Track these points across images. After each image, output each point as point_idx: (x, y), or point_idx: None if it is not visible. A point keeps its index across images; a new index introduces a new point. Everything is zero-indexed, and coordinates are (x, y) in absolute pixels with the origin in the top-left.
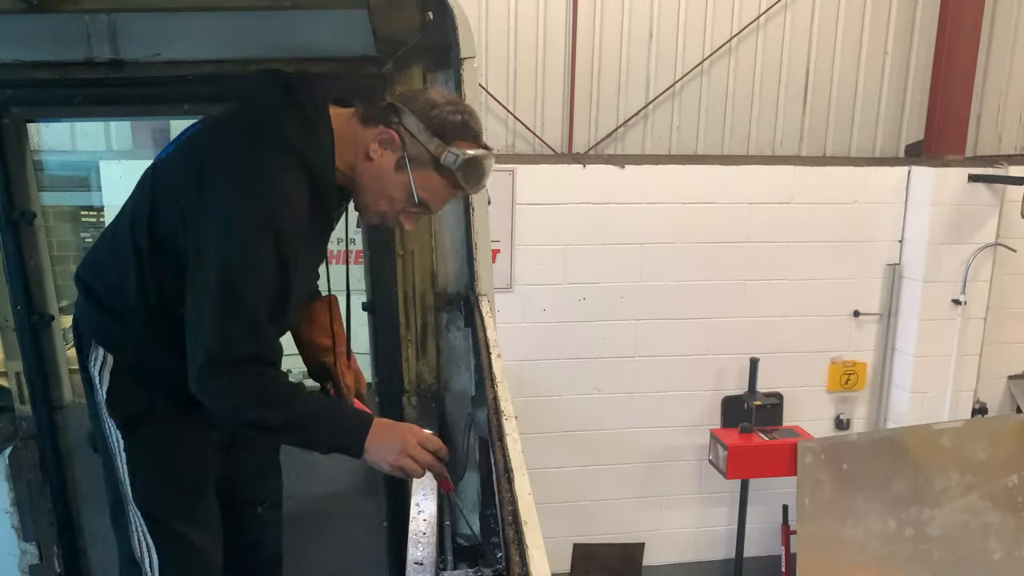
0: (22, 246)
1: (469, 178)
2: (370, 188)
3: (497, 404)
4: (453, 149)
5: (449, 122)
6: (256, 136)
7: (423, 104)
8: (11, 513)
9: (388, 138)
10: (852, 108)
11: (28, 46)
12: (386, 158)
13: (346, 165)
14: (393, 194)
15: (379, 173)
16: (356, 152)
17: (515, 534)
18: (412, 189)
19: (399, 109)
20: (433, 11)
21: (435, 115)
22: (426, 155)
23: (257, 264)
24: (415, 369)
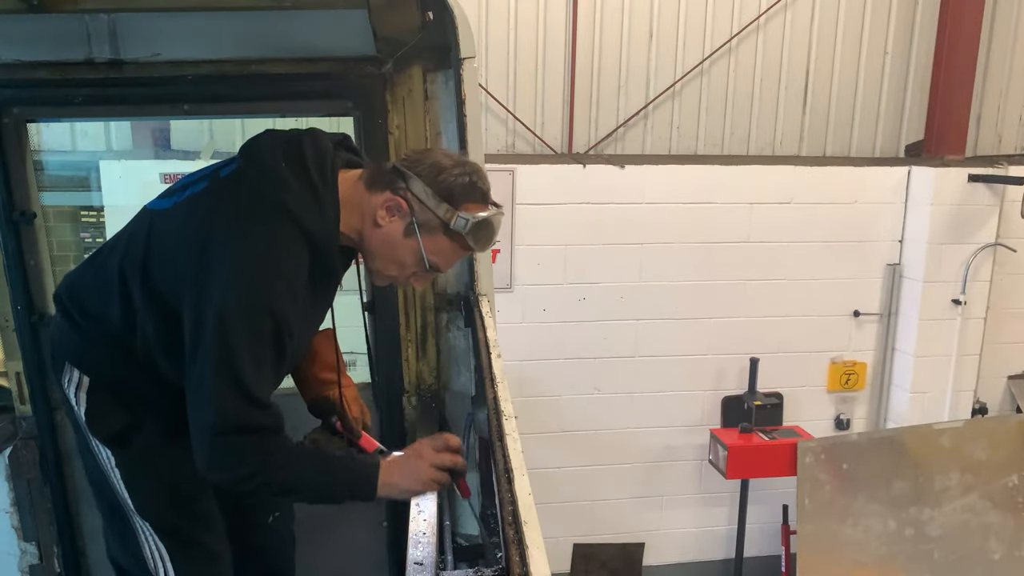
0: (22, 246)
1: (479, 239)
2: (379, 254)
3: (497, 404)
4: (463, 213)
5: (457, 185)
6: (259, 209)
7: (429, 168)
8: (11, 513)
9: (396, 205)
10: (852, 108)
11: (28, 46)
12: (394, 225)
13: (352, 230)
14: (403, 259)
15: (388, 240)
16: (363, 218)
17: (515, 534)
18: (423, 255)
19: (405, 174)
20: (433, 11)
21: (443, 179)
22: (435, 220)
23: (257, 346)
24: (415, 369)
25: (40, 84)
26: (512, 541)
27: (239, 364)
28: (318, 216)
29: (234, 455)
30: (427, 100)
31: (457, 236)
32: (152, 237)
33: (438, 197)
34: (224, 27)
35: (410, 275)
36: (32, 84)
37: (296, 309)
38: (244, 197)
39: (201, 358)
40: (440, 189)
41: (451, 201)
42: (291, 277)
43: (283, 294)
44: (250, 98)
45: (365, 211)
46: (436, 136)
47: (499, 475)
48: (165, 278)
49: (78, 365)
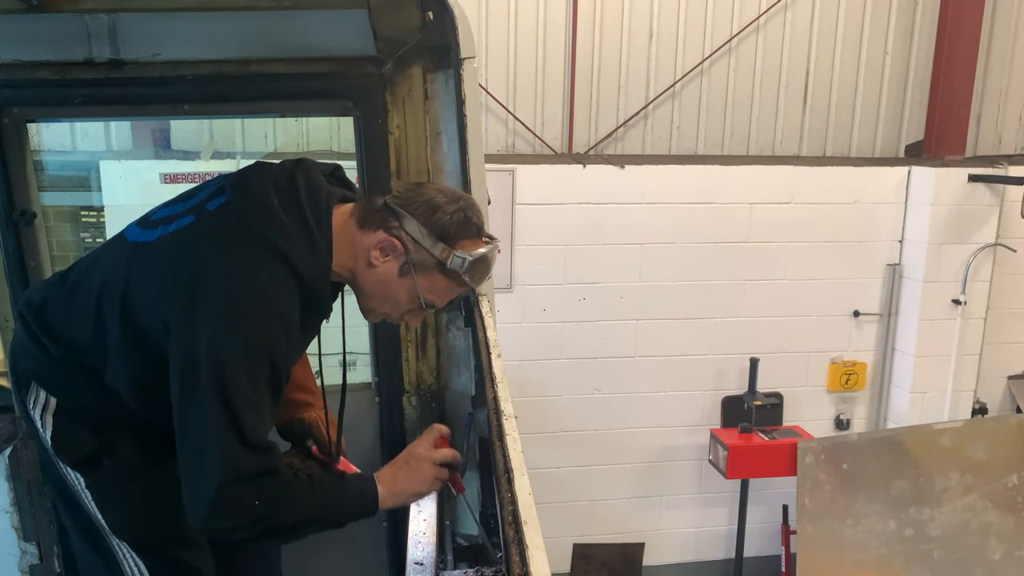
0: (22, 246)
1: (476, 276)
2: (374, 294)
3: (497, 404)
4: (459, 252)
5: (453, 223)
6: (252, 248)
7: (423, 206)
8: (11, 513)
9: (390, 245)
10: (852, 108)
11: (28, 46)
12: (389, 265)
13: (344, 268)
14: (398, 298)
15: (382, 280)
16: (355, 257)
17: (515, 534)
18: (419, 294)
19: (398, 213)
20: (433, 11)
21: (438, 218)
22: (432, 260)
23: (254, 391)
24: (415, 369)
25: (40, 84)
26: (512, 541)
27: (238, 411)
28: (311, 257)
29: (237, 504)
30: (427, 100)
31: (453, 275)
32: (133, 271)
33: (434, 236)
34: (224, 27)
35: (405, 313)
36: (32, 84)
37: (289, 350)
38: (235, 235)
39: (196, 405)
40: (435, 228)
41: (447, 240)
42: (286, 319)
43: (279, 336)
44: (250, 98)
45: (358, 250)
46: (436, 136)
47: (499, 475)
48: (147, 315)
49: (45, 387)
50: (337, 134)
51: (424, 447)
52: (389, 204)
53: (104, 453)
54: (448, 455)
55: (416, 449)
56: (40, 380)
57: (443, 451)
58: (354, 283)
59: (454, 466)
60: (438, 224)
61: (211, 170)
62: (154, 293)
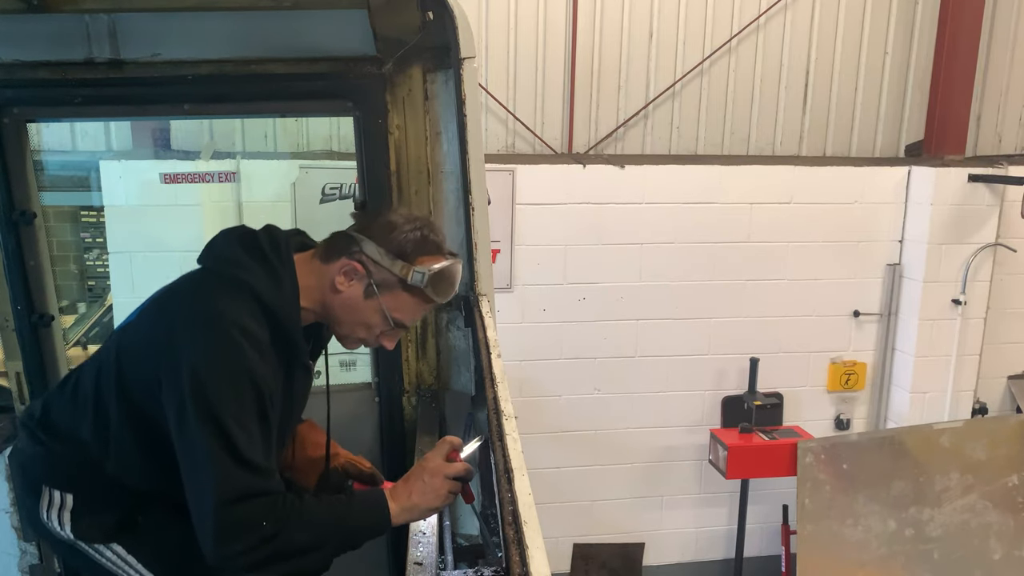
0: (22, 246)
1: (439, 290)
2: (344, 319)
3: (497, 404)
4: (418, 268)
5: (409, 241)
6: (218, 287)
7: (380, 228)
8: (11, 513)
9: (352, 269)
10: (852, 108)
11: (28, 46)
12: (354, 288)
13: (314, 303)
14: (368, 320)
15: (350, 303)
16: (322, 290)
17: (515, 534)
18: (386, 313)
19: (357, 238)
20: (433, 11)
21: (394, 237)
22: (393, 278)
23: (239, 408)
24: (415, 369)
25: (40, 84)
26: (512, 541)
27: (227, 430)
28: (275, 288)
29: (241, 524)
30: (427, 100)
31: (416, 290)
32: (122, 348)
33: (392, 255)
34: (224, 27)
35: (379, 335)
36: (32, 84)
37: (267, 370)
38: (203, 281)
39: (187, 433)
40: (393, 247)
41: (405, 257)
42: (256, 339)
43: (253, 354)
44: (250, 98)
45: (324, 282)
46: (436, 136)
47: (499, 475)
48: (142, 382)
49: (59, 486)
50: (337, 134)
51: (436, 462)
52: (347, 232)
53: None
54: (461, 469)
55: (429, 464)
56: (52, 481)
57: (456, 465)
58: (326, 315)
59: (466, 479)
60: (395, 243)
61: (211, 170)
62: (142, 357)
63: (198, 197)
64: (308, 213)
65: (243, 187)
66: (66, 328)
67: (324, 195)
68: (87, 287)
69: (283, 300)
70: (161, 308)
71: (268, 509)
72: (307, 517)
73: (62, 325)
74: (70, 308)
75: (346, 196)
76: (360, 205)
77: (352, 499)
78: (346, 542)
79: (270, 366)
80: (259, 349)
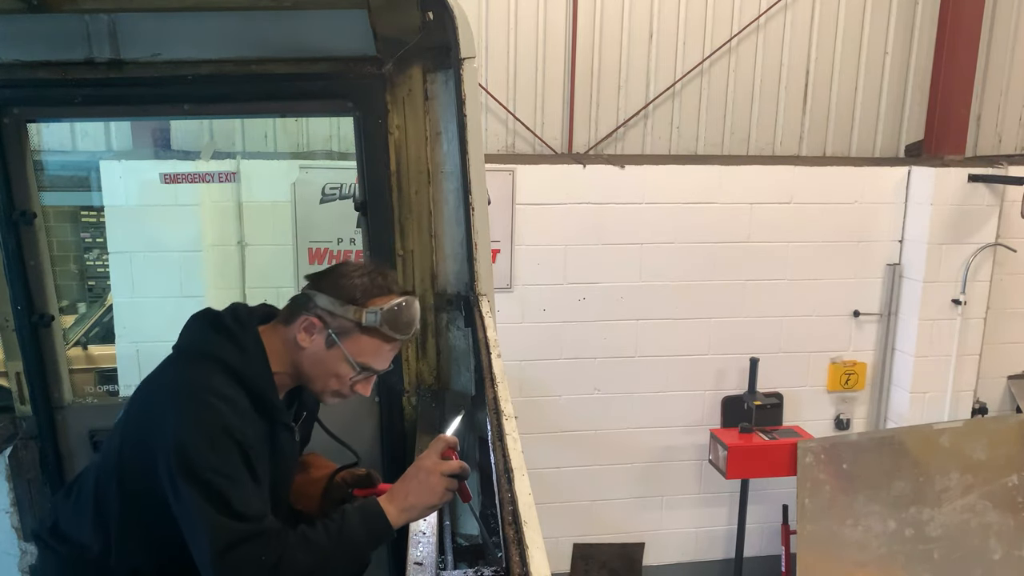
0: (22, 246)
1: (397, 327)
2: (315, 374)
3: (497, 404)
4: (370, 309)
5: (358, 287)
6: (192, 364)
7: (331, 280)
8: (11, 513)
9: (310, 323)
10: (852, 108)
11: (28, 46)
12: (316, 341)
13: (286, 365)
14: (337, 370)
15: (315, 357)
16: (290, 351)
17: (515, 534)
18: (350, 360)
19: (311, 295)
20: (433, 11)
21: (344, 285)
22: (348, 323)
23: (225, 464)
24: (415, 369)
25: (40, 84)
26: (512, 541)
27: (214, 486)
28: (242, 355)
29: (240, 566)
30: (427, 100)
31: (373, 331)
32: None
33: (344, 302)
34: (224, 27)
35: (352, 384)
36: (32, 84)
37: (247, 428)
38: (178, 361)
39: (180, 496)
40: (344, 294)
41: (356, 302)
42: (230, 399)
43: (228, 413)
44: (250, 98)
45: (289, 343)
46: (436, 136)
47: (499, 475)
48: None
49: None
50: (337, 134)
51: (432, 460)
52: (303, 291)
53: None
54: (456, 467)
55: (424, 462)
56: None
57: (451, 463)
58: (300, 375)
59: (462, 476)
60: (346, 290)
61: (211, 170)
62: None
63: (198, 197)
64: (308, 213)
65: (243, 187)
66: (66, 328)
67: (324, 195)
68: (87, 287)
69: (251, 365)
70: (145, 394)
71: (263, 545)
72: (305, 541)
73: (62, 325)
74: (70, 308)
75: (346, 196)
76: (360, 205)
77: (346, 512)
78: (352, 555)
79: (251, 426)
80: (236, 410)
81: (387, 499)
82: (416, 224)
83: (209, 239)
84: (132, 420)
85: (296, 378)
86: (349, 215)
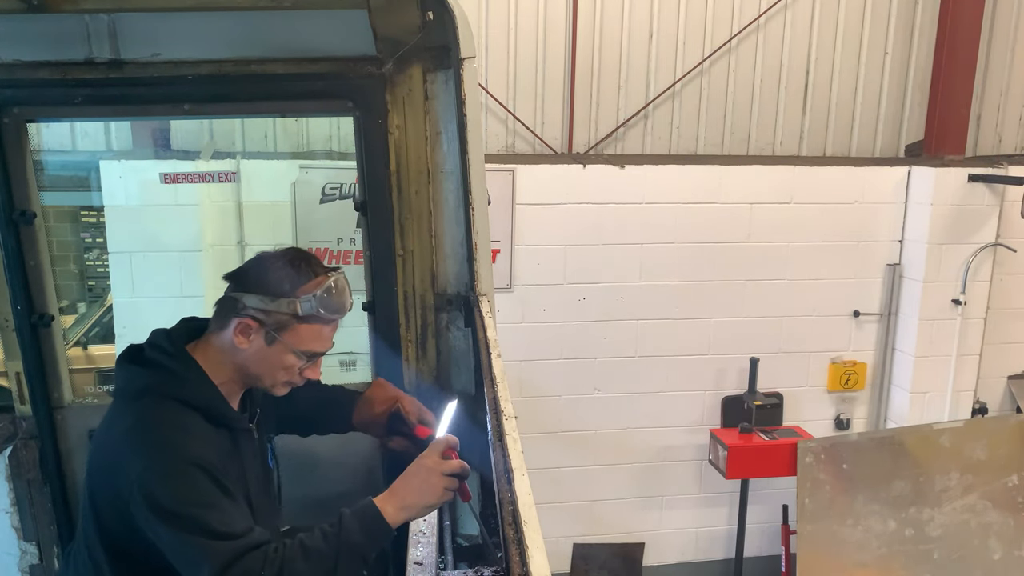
0: (22, 246)
1: (334, 308)
2: (262, 372)
3: (497, 404)
4: (303, 298)
5: (284, 277)
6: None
7: (254, 276)
8: (11, 513)
9: (244, 326)
10: (852, 108)
11: (28, 46)
12: (254, 342)
13: (230, 372)
14: (284, 363)
15: (258, 356)
16: (231, 357)
17: (515, 534)
18: (295, 350)
19: (237, 297)
20: (433, 11)
21: (269, 280)
22: (284, 317)
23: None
24: (415, 369)
25: (40, 84)
26: (512, 541)
27: (192, 516)
28: (177, 380)
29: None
30: (427, 100)
31: (312, 318)
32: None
33: (273, 296)
34: (224, 27)
35: (300, 370)
36: (32, 84)
37: (205, 448)
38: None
39: (165, 537)
40: (272, 289)
41: (287, 294)
42: (181, 425)
43: (185, 442)
44: (250, 98)
45: (228, 350)
46: (436, 136)
47: (499, 475)
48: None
49: None
50: (337, 134)
51: (433, 459)
52: (227, 295)
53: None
54: (456, 466)
55: (425, 461)
56: None
57: (452, 463)
58: (247, 377)
59: (462, 476)
60: (273, 284)
61: (211, 170)
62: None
63: (198, 197)
64: (308, 213)
65: (243, 187)
66: (66, 328)
67: (324, 195)
68: (87, 287)
69: (191, 386)
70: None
71: (261, 558)
72: (304, 550)
73: (62, 325)
74: (70, 308)
75: (346, 196)
76: (360, 205)
77: (343, 517)
78: (353, 559)
79: (211, 445)
80: (192, 435)
81: (385, 498)
82: (416, 224)
83: (209, 239)
84: (97, 475)
85: (244, 381)
86: (349, 215)
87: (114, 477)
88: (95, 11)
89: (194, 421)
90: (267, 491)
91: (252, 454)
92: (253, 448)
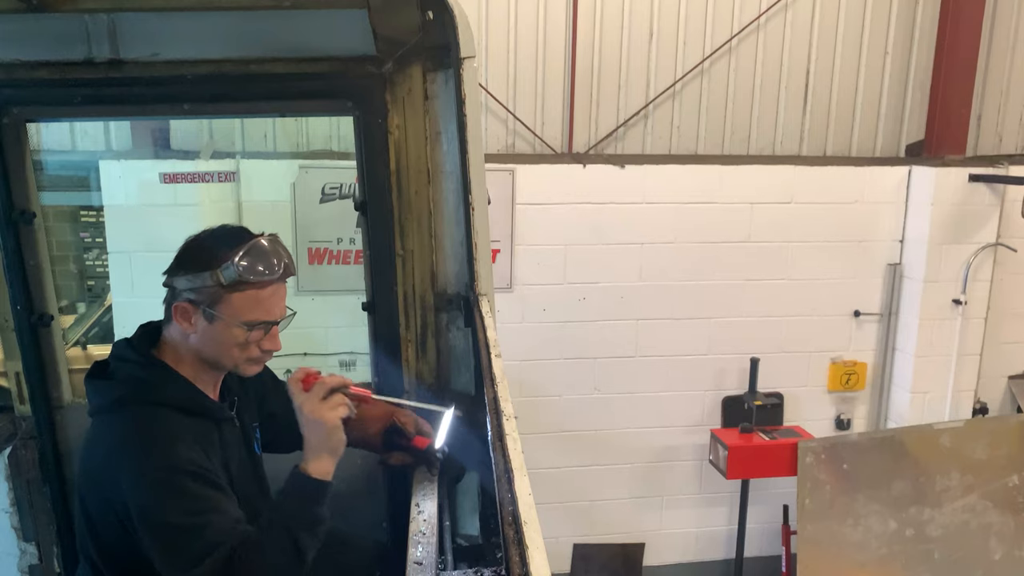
0: (22, 246)
1: (257, 270)
2: (217, 352)
3: (497, 404)
4: (223, 266)
5: (206, 250)
6: (112, 419)
7: (182, 259)
8: (11, 513)
9: (183, 310)
10: (852, 108)
11: (28, 46)
12: (197, 323)
13: (194, 362)
14: (234, 338)
15: (206, 338)
16: (186, 348)
17: (515, 534)
18: (238, 322)
19: (171, 285)
20: (433, 11)
21: (190, 259)
22: (212, 289)
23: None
24: (415, 369)
25: (40, 84)
26: (512, 541)
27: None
28: (148, 386)
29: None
30: (427, 100)
31: (239, 284)
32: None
33: (198, 273)
34: (224, 27)
35: (255, 343)
36: (32, 84)
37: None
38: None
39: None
40: (196, 266)
41: (209, 266)
42: (165, 431)
43: (168, 450)
44: (250, 98)
45: (181, 342)
46: (436, 136)
47: (499, 475)
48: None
49: None
50: (337, 134)
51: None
52: (163, 284)
53: None
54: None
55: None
56: None
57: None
58: (209, 363)
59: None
60: (196, 262)
61: (211, 170)
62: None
63: (198, 197)
64: (308, 213)
65: (243, 187)
66: (66, 328)
67: (324, 195)
68: (87, 287)
69: (164, 387)
70: (90, 469)
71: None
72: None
73: (62, 325)
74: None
75: (346, 196)
76: (360, 205)
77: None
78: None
79: (195, 444)
80: (175, 438)
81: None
82: (416, 224)
83: None
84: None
85: (210, 367)
86: (349, 215)
87: (106, 494)
88: (94, 11)
89: (176, 421)
90: (254, 478)
91: (236, 443)
92: (236, 436)
